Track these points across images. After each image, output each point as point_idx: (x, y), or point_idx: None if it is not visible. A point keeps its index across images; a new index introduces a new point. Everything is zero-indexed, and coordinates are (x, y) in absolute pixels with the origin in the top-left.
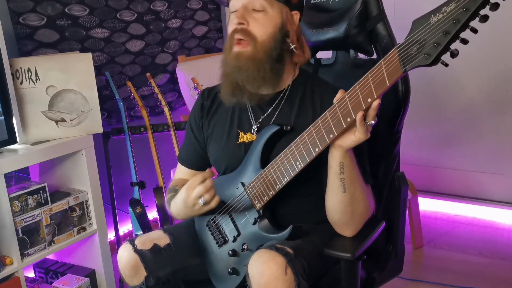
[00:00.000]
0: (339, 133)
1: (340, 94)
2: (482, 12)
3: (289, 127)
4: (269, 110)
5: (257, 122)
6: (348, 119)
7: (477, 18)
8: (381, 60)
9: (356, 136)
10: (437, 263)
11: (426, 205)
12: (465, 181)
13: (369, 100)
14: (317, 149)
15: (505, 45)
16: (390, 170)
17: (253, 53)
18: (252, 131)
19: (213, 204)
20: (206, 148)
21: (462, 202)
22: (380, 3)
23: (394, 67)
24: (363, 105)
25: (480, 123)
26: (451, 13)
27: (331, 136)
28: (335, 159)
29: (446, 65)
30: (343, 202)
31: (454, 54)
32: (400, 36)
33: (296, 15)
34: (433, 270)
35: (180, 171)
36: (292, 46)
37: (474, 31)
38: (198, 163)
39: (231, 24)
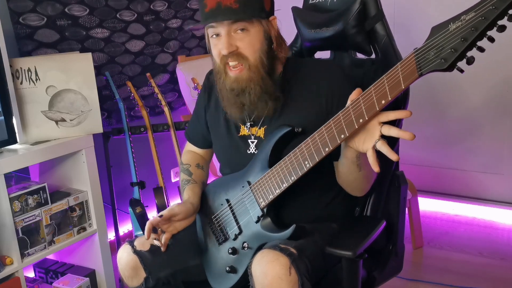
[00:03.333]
0: (350, 133)
1: (355, 94)
2: (500, 22)
3: (300, 129)
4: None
5: (253, 117)
6: (361, 120)
7: (495, 28)
8: (398, 63)
9: (362, 148)
10: (437, 263)
11: (426, 205)
12: (465, 181)
13: (383, 101)
14: (327, 149)
15: (506, 45)
16: (389, 169)
17: (250, 74)
18: (246, 126)
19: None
20: (209, 132)
21: (462, 202)
22: (378, 3)
23: (410, 70)
24: (377, 107)
25: (480, 122)
26: (469, 21)
27: (342, 136)
28: (351, 153)
29: (462, 71)
30: (358, 178)
31: (470, 61)
32: (399, 35)
33: (273, 20)
34: (433, 270)
35: (190, 145)
36: (281, 55)
37: (491, 40)
38: (204, 143)
39: (216, 49)
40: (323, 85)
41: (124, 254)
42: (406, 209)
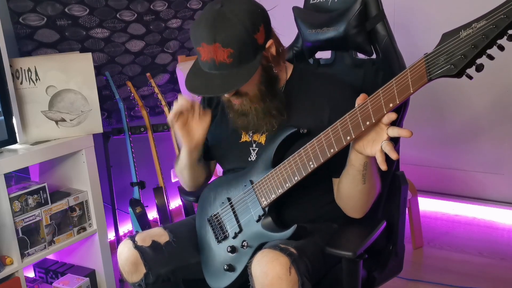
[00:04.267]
0: (356, 135)
1: (362, 98)
2: (510, 31)
3: (305, 130)
4: None
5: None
6: (367, 123)
7: (505, 37)
8: (408, 67)
9: (371, 151)
10: (437, 263)
11: (426, 205)
12: (465, 181)
13: (391, 105)
14: (332, 150)
15: (507, 48)
16: (389, 169)
17: (252, 104)
18: (249, 134)
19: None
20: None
21: (462, 202)
22: (379, 3)
23: (419, 74)
24: (384, 109)
25: (480, 123)
26: (480, 29)
27: (348, 138)
28: (359, 160)
29: (471, 78)
30: (361, 192)
31: (479, 69)
32: (399, 35)
33: (271, 46)
34: (433, 270)
35: None
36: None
37: (501, 48)
38: (205, 155)
39: None
40: (327, 101)
41: (125, 249)
42: (406, 209)
